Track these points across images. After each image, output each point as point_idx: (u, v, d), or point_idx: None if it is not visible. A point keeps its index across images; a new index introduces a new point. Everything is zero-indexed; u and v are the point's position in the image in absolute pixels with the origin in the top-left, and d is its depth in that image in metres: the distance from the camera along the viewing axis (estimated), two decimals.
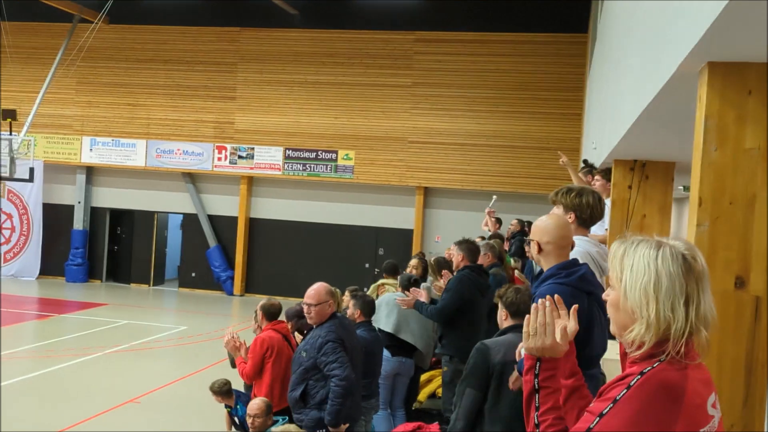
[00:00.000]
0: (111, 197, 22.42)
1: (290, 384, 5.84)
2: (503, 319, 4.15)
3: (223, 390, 7.30)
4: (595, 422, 1.93)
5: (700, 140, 2.84)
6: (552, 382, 2.14)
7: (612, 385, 1.97)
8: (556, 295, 2.19)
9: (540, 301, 2.18)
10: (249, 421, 6.10)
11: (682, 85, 3.53)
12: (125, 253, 22.68)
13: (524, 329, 2.18)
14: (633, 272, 1.97)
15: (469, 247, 7.22)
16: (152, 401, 10.67)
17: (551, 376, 2.14)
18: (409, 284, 7.66)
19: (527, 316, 2.18)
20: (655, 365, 1.93)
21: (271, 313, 7.15)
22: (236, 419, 7.17)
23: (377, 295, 8.33)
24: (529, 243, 3.47)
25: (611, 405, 1.92)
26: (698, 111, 2.90)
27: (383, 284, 8.75)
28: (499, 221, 15.48)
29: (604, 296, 2.08)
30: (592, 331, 3.32)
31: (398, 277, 8.28)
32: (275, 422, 6.14)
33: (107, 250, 22.69)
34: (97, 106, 21.70)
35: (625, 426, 1.89)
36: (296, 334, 6.98)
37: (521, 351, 3.40)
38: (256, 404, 6.14)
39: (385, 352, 7.41)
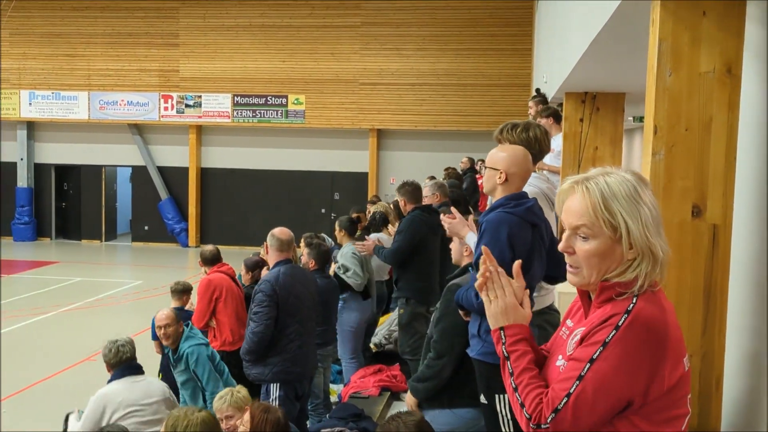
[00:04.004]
0: (55, 152, 21.75)
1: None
2: (465, 255, 4.12)
3: (179, 289, 7.30)
4: (586, 368, 1.86)
5: (653, 65, 2.74)
6: (520, 345, 2.05)
7: (597, 328, 1.89)
8: (483, 248, 2.11)
9: (483, 263, 2.09)
10: (160, 333, 5.84)
11: (633, 9, 3.43)
12: (74, 209, 22.14)
13: (483, 297, 2.09)
14: (627, 212, 1.90)
15: (408, 189, 7.06)
16: None
17: (517, 340, 2.05)
18: (350, 225, 7.63)
19: (480, 281, 2.09)
20: (634, 301, 1.88)
21: (209, 259, 7.37)
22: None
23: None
24: (482, 170, 3.48)
25: (601, 348, 1.86)
26: (651, 34, 2.79)
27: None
28: (471, 161, 15.48)
29: (563, 248, 1.97)
30: (533, 261, 3.38)
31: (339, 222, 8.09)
32: (186, 327, 5.97)
33: (55, 207, 22.13)
34: (34, 58, 20.86)
35: (619, 368, 1.84)
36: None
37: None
38: (164, 314, 5.90)
39: (354, 303, 7.39)
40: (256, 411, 4.25)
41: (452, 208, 4.19)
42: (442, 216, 4.10)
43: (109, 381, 5.32)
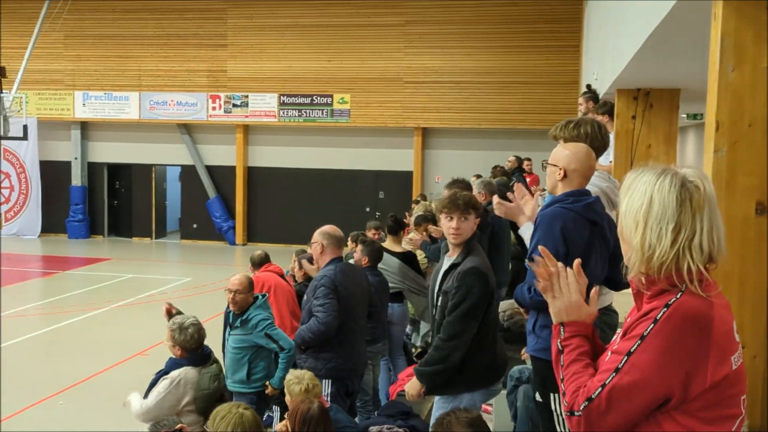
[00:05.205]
0: (107, 152, 22.21)
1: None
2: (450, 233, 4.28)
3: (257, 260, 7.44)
4: (623, 361, 1.86)
5: (715, 60, 2.71)
6: (574, 340, 2.04)
7: (637, 321, 1.89)
8: (541, 248, 2.10)
9: (542, 264, 2.08)
10: (230, 296, 5.79)
11: (693, 5, 3.38)
12: (125, 207, 22.59)
13: (546, 296, 2.08)
14: (630, 199, 1.93)
15: (460, 187, 7.08)
16: (160, 353, 10.69)
17: (574, 336, 2.05)
18: (395, 226, 7.71)
19: (542, 283, 2.08)
20: (678, 296, 1.86)
21: (257, 262, 7.54)
22: None
23: None
24: (545, 167, 3.46)
25: (639, 342, 1.85)
26: (713, 30, 2.76)
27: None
28: (518, 159, 15.36)
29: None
30: (589, 259, 3.32)
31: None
32: (257, 298, 5.97)
33: (107, 205, 22.59)
34: (87, 60, 21.33)
35: (656, 361, 1.82)
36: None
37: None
38: (237, 279, 5.87)
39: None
40: (296, 400, 4.34)
41: (516, 185, 4.14)
42: (495, 198, 4.08)
43: (181, 364, 5.25)
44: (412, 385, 4.37)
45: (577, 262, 2.10)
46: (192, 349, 5.25)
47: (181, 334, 5.21)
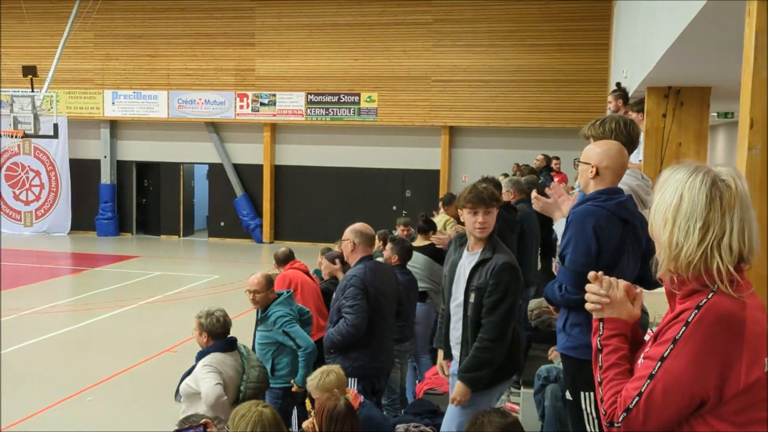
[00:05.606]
0: (136, 150, 22.45)
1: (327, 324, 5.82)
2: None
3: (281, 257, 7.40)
4: (657, 367, 1.83)
5: (749, 57, 2.66)
6: (614, 340, 2.02)
7: (668, 325, 1.86)
8: (593, 275, 2.07)
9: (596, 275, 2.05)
10: (249, 297, 5.93)
11: (726, 2, 3.33)
12: (154, 205, 22.81)
13: (591, 303, 2.05)
14: (662, 196, 1.91)
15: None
16: (189, 349, 10.78)
17: (614, 335, 2.02)
18: (425, 225, 7.73)
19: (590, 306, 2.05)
20: (709, 296, 1.82)
21: (281, 259, 7.51)
22: None
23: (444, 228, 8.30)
24: (576, 165, 3.43)
25: (671, 346, 1.82)
26: (747, 27, 2.71)
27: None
28: (547, 158, 15.27)
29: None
30: (621, 258, 3.30)
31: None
32: (278, 296, 6.04)
33: (136, 203, 22.83)
34: (117, 59, 21.56)
35: (690, 366, 1.79)
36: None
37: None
38: (255, 278, 5.96)
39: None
40: (323, 397, 4.35)
41: (553, 185, 4.13)
42: (533, 193, 4.06)
43: (210, 351, 5.25)
44: (460, 391, 4.29)
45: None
46: (219, 333, 5.26)
47: (207, 318, 5.26)
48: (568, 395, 3.50)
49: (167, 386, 5.60)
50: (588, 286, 2.05)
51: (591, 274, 2.06)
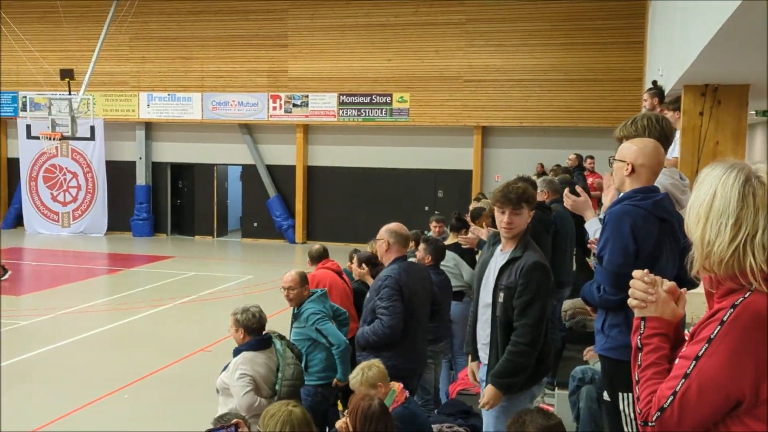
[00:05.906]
0: (171, 152, 22.70)
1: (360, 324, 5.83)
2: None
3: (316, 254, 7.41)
4: (692, 366, 1.82)
5: None
6: (655, 339, 2.00)
7: (704, 324, 1.84)
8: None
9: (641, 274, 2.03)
10: (284, 294, 6.03)
11: None
12: (188, 206, 23.06)
13: (635, 300, 2.03)
14: (697, 193, 1.90)
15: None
16: (223, 350, 10.88)
17: (655, 334, 2.00)
18: (458, 223, 7.71)
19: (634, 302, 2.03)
20: (746, 295, 1.80)
21: (315, 257, 7.52)
22: None
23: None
24: (611, 162, 3.40)
25: (706, 345, 1.81)
26: None
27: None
28: (579, 158, 15.17)
29: None
30: (659, 257, 3.26)
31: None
32: (312, 294, 6.10)
33: (170, 204, 23.08)
34: (152, 62, 21.83)
35: (725, 365, 1.78)
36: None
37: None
38: (289, 276, 6.05)
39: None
40: (357, 397, 4.35)
41: (578, 188, 4.11)
42: (565, 192, 4.02)
43: (243, 348, 5.28)
44: (492, 395, 4.22)
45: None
46: (255, 328, 5.29)
47: (243, 314, 5.30)
48: (606, 396, 3.47)
49: (202, 385, 5.66)
50: (632, 282, 2.03)
51: (636, 271, 2.04)
